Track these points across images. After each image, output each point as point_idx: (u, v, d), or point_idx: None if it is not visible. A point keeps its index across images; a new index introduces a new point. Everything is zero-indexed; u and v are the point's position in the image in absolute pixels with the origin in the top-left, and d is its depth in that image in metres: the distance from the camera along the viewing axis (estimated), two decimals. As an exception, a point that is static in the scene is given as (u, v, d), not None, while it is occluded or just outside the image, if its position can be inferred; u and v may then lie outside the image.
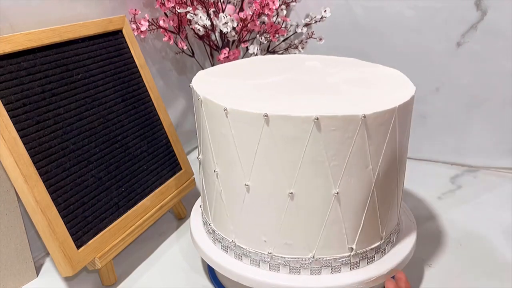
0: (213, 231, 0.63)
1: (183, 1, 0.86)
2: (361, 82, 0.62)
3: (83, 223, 0.64)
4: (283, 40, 1.01)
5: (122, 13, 0.82)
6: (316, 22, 0.96)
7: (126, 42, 0.79)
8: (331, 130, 0.50)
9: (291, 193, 0.53)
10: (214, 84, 0.62)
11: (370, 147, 0.52)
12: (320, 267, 0.57)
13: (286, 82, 0.62)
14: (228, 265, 0.60)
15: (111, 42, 0.76)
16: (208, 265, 0.67)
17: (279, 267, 0.57)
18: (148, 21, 0.87)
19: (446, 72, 0.97)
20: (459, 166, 1.02)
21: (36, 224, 0.60)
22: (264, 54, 1.00)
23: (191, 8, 0.86)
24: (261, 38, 0.93)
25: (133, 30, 0.84)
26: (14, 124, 0.59)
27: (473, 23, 0.91)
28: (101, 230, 0.66)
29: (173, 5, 0.85)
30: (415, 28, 0.95)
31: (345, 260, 0.57)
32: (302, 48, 0.99)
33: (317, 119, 0.50)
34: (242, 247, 0.59)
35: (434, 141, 1.03)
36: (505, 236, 0.78)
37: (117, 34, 0.78)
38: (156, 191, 0.77)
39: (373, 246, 0.59)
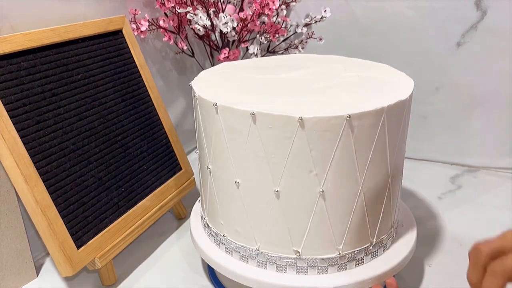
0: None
1: (183, 1, 0.86)
2: (361, 86, 0.59)
3: (83, 223, 0.64)
4: (283, 40, 1.01)
5: (122, 13, 0.82)
6: (316, 22, 0.96)
7: (126, 42, 0.79)
8: (268, 128, 0.51)
9: (237, 182, 0.55)
10: (212, 77, 0.65)
11: (312, 152, 0.51)
12: (266, 262, 0.57)
13: (284, 80, 0.63)
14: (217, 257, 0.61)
15: (111, 42, 0.76)
16: (208, 265, 0.67)
17: (232, 252, 0.60)
18: (148, 21, 0.87)
19: (446, 72, 0.97)
20: (459, 166, 1.02)
21: (36, 224, 0.60)
22: (264, 54, 1.00)
23: (191, 8, 0.86)
24: (261, 38, 0.93)
25: (133, 30, 0.84)
26: (14, 124, 0.59)
27: (473, 23, 0.91)
28: (101, 230, 0.66)
29: (173, 5, 0.85)
30: (415, 28, 0.95)
31: (291, 261, 0.56)
32: (302, 48, 0.99)
33: (253, 114, 0.51)
34: (209, 226, 0.63)
35: (434, 141, 1.03)
36: (505, 236, 0.77)
37: (117, 34, 0.78)
38: (156, 191, 0.77)
39: (325, 257, 0.55)
